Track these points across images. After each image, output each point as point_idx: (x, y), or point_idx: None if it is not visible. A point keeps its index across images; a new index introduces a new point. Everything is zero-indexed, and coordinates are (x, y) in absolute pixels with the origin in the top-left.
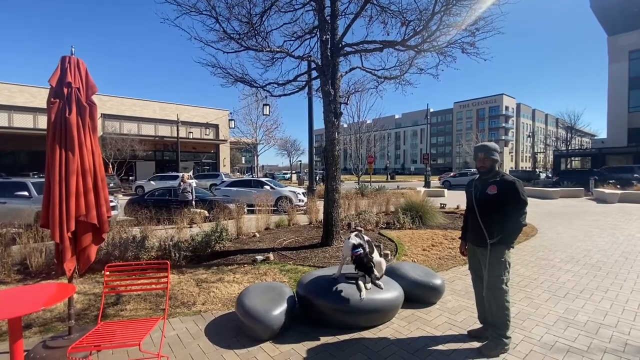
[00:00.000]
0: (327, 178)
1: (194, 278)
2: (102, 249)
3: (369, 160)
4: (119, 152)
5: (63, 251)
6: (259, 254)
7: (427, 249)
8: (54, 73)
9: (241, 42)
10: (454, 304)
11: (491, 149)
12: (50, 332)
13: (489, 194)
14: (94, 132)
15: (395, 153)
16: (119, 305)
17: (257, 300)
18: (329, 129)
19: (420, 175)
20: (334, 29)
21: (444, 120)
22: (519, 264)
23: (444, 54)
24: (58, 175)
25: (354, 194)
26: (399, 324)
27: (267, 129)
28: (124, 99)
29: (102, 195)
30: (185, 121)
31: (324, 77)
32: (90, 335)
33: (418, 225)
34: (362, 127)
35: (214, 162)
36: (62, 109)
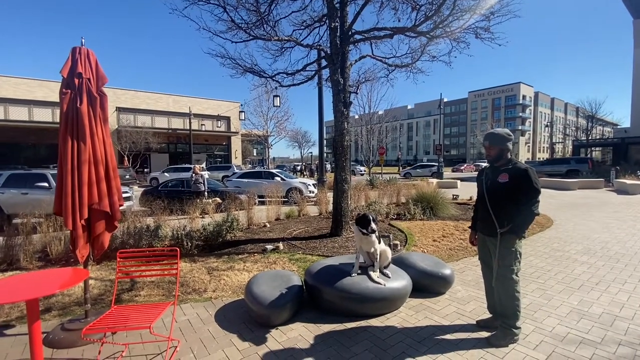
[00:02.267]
0: (336, 169)
1: (205, 266)
2: (117, 237)
3: (380, 151)
4: (134, 145)
5: (76, 238)
6: (269, 243)
7: (437, 240)
8: (65, 64)
9: (249, 31)
10: (464, 294)
11: (497, 137)
12: (68, 316)
13: (499, 182)
14: (105, 122)
15: (408, 144)
16: (133, 291)
17: (266, 287)
18: (338, 119)
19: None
20: (344, 17)
21: (458, 110)
22: (532, 255)
23: (457, 40)
24: (70, 164)
25: (364, 185)
26: (406, 313)
27: (278, 120)
28: (138, 92)
29: (114, 184)
30: (198, 114)
31: (333, 66)
32: (104, 318)
33: (429, 216)
34: (374, 118)
35: (226, 154)
36: (74, 100)
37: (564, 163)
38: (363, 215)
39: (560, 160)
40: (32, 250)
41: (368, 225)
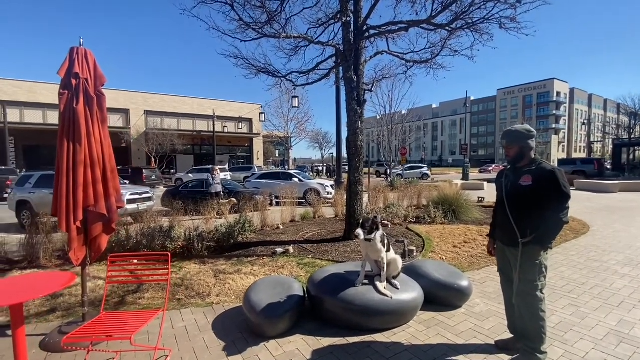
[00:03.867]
0: (350, 170)
1: (213, 269)
2: (132, 238)
3: (402, 152)
4: (161, 147)
5: (71, 241)
6: (279, 246)
7: (458, 246)
8: (62, 64)
9: (258, 29)
10: (483, 308)
11: (516, 134)
12: (71, 317)
13: (521, 186)
14: (103, 122)
15: (432, 144)
16: (138, 293)
17: (264, 295)
18: (352, 117)
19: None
20: (358, 11)
21: (486, 109)
22: (564, 265)
23: (479, 32)
24: (66, 165)
25: (384, 186)
26: (416, 328)
27: (299, 121)
28: (165, 96)
29: (112, 186)
30: (221, 116)
31: (346, 63)
32: (90, 325)
33: (451, 220)
34: (395, 118)
35: (248, 155)
36: (71, 100)
37: (569, 164)
38: (365, 220)
39: (565, 160)
40: (51, 249)
41: (374, 231)
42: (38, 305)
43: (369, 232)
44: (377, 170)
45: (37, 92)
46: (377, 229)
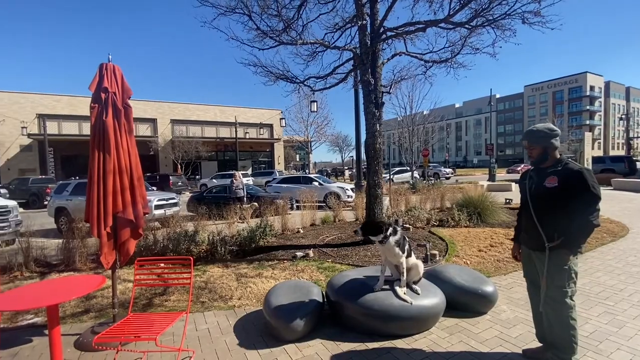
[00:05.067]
0: (369, 173)
1: (235, 272)
2: (159, 242)
3: (424, 153)
4: (186, 154)
5: (101, 245)
6: (299, 250)
7: (483, 250)
8: (92, 80)
9: (275, 37)
10: (509, 315)
11: (537, 134)
12: (103, 318)
13: (547, 187)
14: (130, 133)
15: (457, 145)
16: (165, 295)
17: (283, 299)
18: (370, 120)
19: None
20: (374, 14)
21: (513, 107)
22: (600, 270)
23: (501, 28)
24: (97, 174)
25: (405, 189)
26: (438, 335)
27: (318, 125)
28: (189, 105)
29: (139, 193)
30: (243, 122)
31: (363, 66)
32: (118, 326)
33: (476, 222)
34: (416, 119)
35: (269, 160)
36: (101, 113)
37: (598, 162)
38: (369, 222)
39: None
40: (86, 253)
41: (379, 232)
42: (73, 306)
43: (372, 233)
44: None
45: (75, 105)
46: (391, 233)
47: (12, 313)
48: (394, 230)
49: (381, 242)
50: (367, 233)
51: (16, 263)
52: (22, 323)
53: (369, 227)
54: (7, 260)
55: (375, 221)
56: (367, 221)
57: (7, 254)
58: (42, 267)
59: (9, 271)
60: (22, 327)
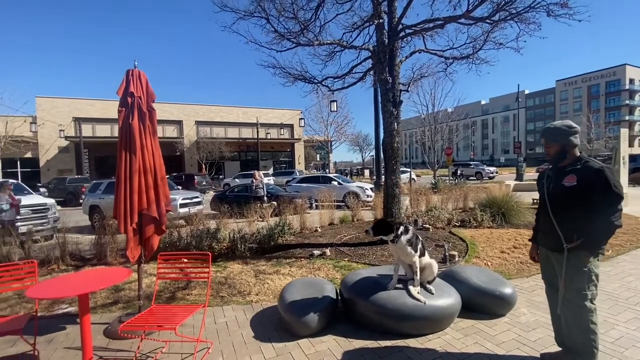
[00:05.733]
0: (386, 172)
1: (254, 269)
2: (182, 238)
3: (447, 152)
4: (210, 154)
5: (127, 241)
6: (317, 248)
7: (506, 252)
8: (120, 85)
9: (292, 39)
10: (529, 318)
11: (555, 131)
12: (130, 309)
13: (565, 186)
14: (154, 135)
15: (483, 143)
16: (187, 289)
17: (298, 295)
18: (387, 119)
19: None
20: (392, 12)
21: (543, 103)
22: (633, 275)
23: (525, 22)
24: (124, 174)
25: (427, 188)
26: (452, 335)
27: (338, 125)
28: (212, 107)
29: (162, 192)
30: (264, 123)
31: (381, 65)
32: (141, 316)
33: (500, 223)
34: (438, 117)
35: (290, 160)
36: (127, 116)
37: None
38: (379, 221)
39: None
40: (116, 248)
41: (390, 232)
42: (104, 297)
43: (384, 233)
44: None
45: (107, 108)
46: (402, 232)
47: (49, 302)
48: (405, 229)
49: (393, 241)
50: (378, 233)
51: (53, 257)
52: (57, 312)
53: (380, 226)
54: (45, 254)
55: (387, 220)
56: (378, 220)
57: (45, 248)
58: (76, 260)
59: (47, 264)
60: (58, 315)
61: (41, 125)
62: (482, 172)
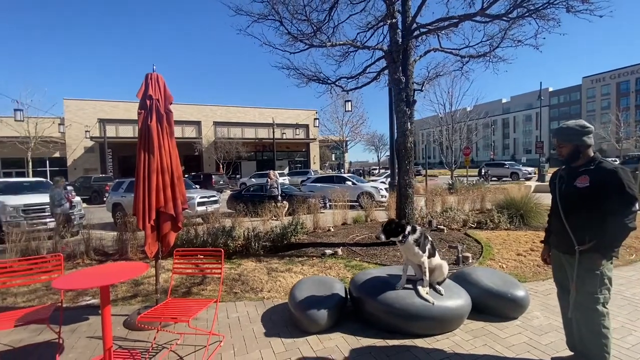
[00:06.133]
0: (399, 172)
1: (267, 266)
2: (199, 236)
3: (465, 152)
4: (227, 154)
5: (145, 237)
6: (329, 248)
7: (522, 254)
8: (140, 88)
9: (305, 40)
10: (542, 322)
11: (567, 131)
12: (148, 302)
13: (577, 187)
14: (171, 136)
15: (503, 142)
16: (202, 285)
17: (307, 293)
18: (400, 119)
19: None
20: (406, 11)
21: (568, 100)
22: None
23: (543, 18)
24: (142, 173)
25: (443, 189)
26: (461, 337)
27: (353, 125)
28: (230, 107)
29: (178, 190)
30: (280, 123)
31: (394, 64)
32: (158, 308)
33: (517, 225)
34: (457, 116)
35: (305, 160)
36: (146, 118)
37: None
38: (388, 222)
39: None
40: (137, 244)
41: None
42: (124, 291)
43: (394, 235)
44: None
45: (130, 109)
46: (409, 232)
47: (74, 294)
48: (412, 229)
49: (401, 242)
50: (389, 235)
51: (79, 252)
52: (81, 303)
53: (389, 228)
54: (71, 249)
55: (395, 221)
56: (386, 222)
57: (72, 243)
58: (100, 255)
59: (73, 258)
60: (81, 306)
61: (68, 126)
62: (518, 172)
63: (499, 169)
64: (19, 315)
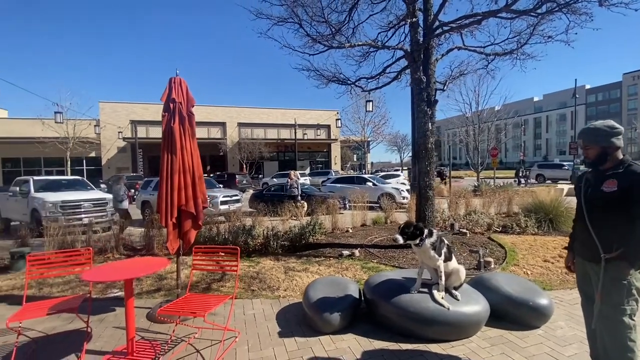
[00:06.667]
0: (419, 173)
1: (284, 266)
2: (221, 234)
3: (492, 152)
4: (250, 154)
5: (167, 234)
6: (346, 249)
7: (550, 260)
8: (164, 92)
9: (324, 42)
10: (566, 332)
11: (594, 132)
12: (170, 296)
13: (604, 192)
14: (193, 137)
15: (535, 143)
16: (222, 282)
17: (321, 293)
18: (421, 119)
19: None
20: (427, 9)
21: (607, 99)
22: None
23: (575, 13)
24: (165, 173)
25: (467, 191)
26: (478, 344)
27: (375, 125)
28: (254, 109)
29: (199, 190)
30: (302, 124)
31: (415, 64)
32: (177, 302)
33: (546, 230)
34: (483, 115)
35: (326, 160)
36: (169, 120)
37: None
38: (405, 224)
39: None
40: (162, 240)
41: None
42: (149, 284)
43: (411, 238)
44: None
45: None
46: (426, 235)
47: (103, 286)
48: (429, 232)
49: (417, 245)
50: (408, 238)
51: (109, 246)
52: (109, 295)
53: (406, 230)
54: (102, 244)
55: (412, 223)
56: (403, 225)
57: (103, 238)
58: (128, 250)
59: (104, 252)
60: (109, 298)
61: (103, 128)
62: (576, 172)
63: (555, 171)
64: (51, 304)
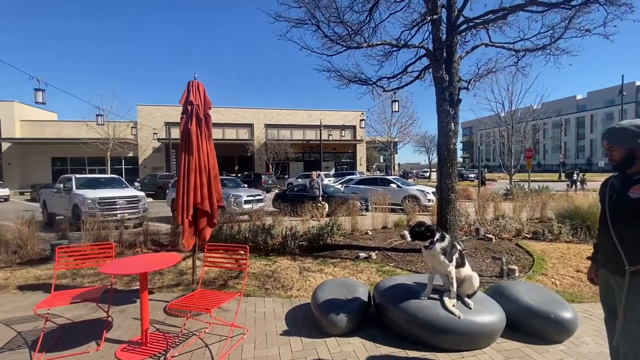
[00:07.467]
0: (441, 176)
1: (300, 265)
2: (241, 232)
3: (527, 154)
4: (277, 155)
5: (184, 231)
6: (363, 251)
7: (582, 271)
8: (182, 95)
9: (341, 43)
10: (592, 348)
11: (620, 132)
12: (187, 291)
13: (630, 198)
14: (209, 138)
15: (577, 144)
16: (237, 279)
17: (330, 295)
18: (443, 119)
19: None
20: (451, 5)
21: None
22: None
23: (613, 4)
24: (183, 172)
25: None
26: (491, 356)
27: (402, 125)
28: (281, 110)
29: (215, 189)
30: (327, 125)
31: (437, 62)
32: (188, 297)
33: (582, 238)
34: (518, 115)
35: (351, 161)
36: (187, 122)
37: None
38: (416, 224)
39: None
40: None
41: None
42: (169, 279)
43: (420, 238)
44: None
45: None
46: (438, 239)
47: (129, 279)
48: (441, 236)
49: (426, 248)
50: (415, 237)
51: (139, 241)
52: (133, 287)
53: (416, 231)
54: (133, 239)
55: (423, 224)
56: (414, 224)
57: (133, 233)
58: (156, 246)
59: (133, 247)
60: (132, 290)
61: (140, 129)
62: None
63: (573, 172)
64: (75, 293)
